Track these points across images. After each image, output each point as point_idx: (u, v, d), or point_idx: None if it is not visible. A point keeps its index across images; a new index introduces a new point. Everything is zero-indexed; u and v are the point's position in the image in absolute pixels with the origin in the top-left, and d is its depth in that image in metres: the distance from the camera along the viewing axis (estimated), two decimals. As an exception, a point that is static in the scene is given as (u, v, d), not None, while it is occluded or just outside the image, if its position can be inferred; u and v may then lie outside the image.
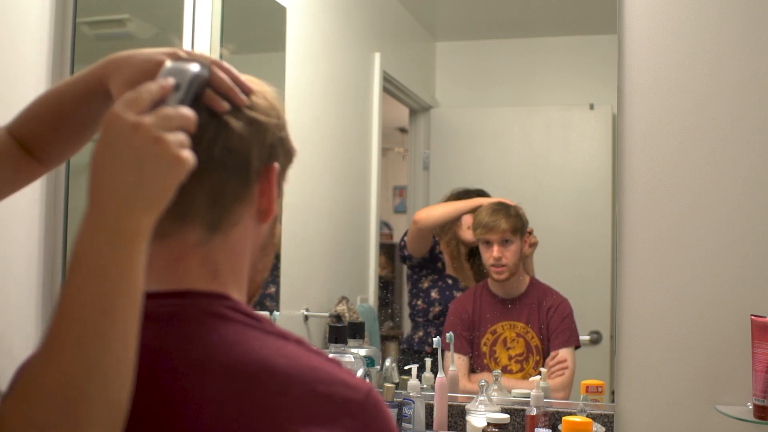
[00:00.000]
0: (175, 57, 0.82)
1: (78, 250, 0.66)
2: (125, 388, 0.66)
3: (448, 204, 2.27)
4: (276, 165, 0.83)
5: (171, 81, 0.73)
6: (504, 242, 2.11)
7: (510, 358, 2.10)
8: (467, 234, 2.24)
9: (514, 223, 2.12)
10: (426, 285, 2.30)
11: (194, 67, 0.77)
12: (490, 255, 2.12)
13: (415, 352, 2.27)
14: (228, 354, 0.74)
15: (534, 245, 2.15)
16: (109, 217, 0.65)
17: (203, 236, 0.79)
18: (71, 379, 0.63)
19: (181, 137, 0.70)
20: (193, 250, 0.79)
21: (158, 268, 0.78)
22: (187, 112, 0.71)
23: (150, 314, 0.74)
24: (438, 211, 2.29)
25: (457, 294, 2.26)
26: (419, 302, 2.31)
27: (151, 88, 0.70)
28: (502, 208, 2.13)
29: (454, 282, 2.29)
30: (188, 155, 0.70)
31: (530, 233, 2.14)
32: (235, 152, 0.79)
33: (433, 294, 2.29)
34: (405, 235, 2.32)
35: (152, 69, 0.82)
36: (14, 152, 0.97)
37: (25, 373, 0.65)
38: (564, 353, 2.05)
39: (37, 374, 0.64)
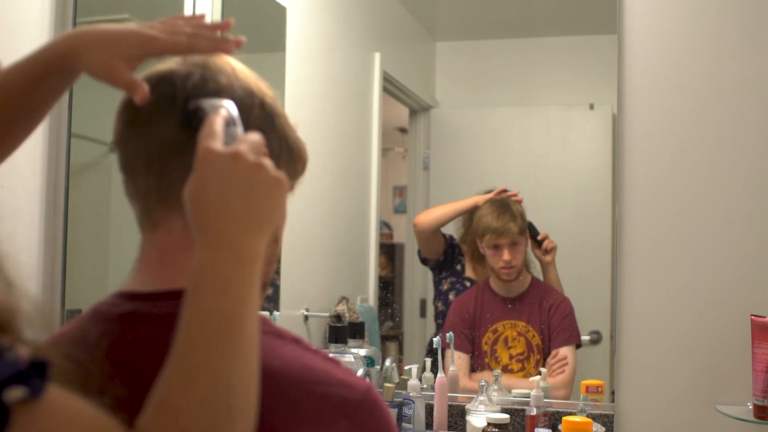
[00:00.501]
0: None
1: (201, 273, 0.67)
2: (253, 402, 0.67)
3: (445, 205, 2.26)
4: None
5: (224, 112, 0.74)
6: (513, 245, 2.11)
7: (511, 357, 2.10)
8: None
9: (521, 224, 2.12)
10: (446, 287, 2.28)
11: (226, 101, 0.77)
12: (500, 258, 2.11)
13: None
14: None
15: (553, 250, 2.14)
16: (229, 241, 0.68)
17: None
18: (209, 403, 0.63)
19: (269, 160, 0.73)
20: (183, 244, 0.77)
21: (150, 264, 0.78)
22: (258, 137, 0.74)
23: (145, 316, 0.74)
24: (435, 213, 2.28)
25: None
26: (440, 304, 2.29)
27: (218, 121, 0.73)
28: (506, 211, 2.12)
29: (471, 284, 2.27)
30: (283, 175, 0.73)
31: (545, 239, 2.13)
32: None
33: (451, 296, 2.27)
34: None
35: (150, 43, 0.84)
36: None
37: (155, 401, 0.65)
38: (565, 351, 2.05)
39: (171, 400, 0.64)
